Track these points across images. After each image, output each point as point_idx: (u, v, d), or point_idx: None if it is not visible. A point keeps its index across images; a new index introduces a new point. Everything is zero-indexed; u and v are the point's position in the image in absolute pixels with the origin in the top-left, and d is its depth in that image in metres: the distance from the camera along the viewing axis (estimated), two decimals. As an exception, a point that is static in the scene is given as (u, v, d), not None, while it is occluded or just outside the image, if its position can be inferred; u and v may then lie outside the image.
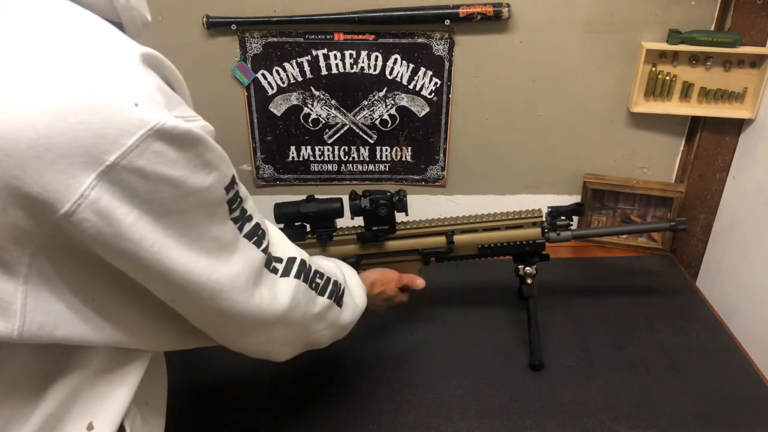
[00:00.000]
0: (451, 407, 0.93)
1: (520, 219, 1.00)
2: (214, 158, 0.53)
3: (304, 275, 0.69)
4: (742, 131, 1.19)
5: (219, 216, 0.56)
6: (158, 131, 0.47)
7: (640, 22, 1.14)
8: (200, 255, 0.54)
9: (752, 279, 1.14)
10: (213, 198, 0.54)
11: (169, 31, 1.15)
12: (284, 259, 0.68)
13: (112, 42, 0.51)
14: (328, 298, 0.73)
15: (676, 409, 0.92)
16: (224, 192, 0.56)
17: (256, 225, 0.62)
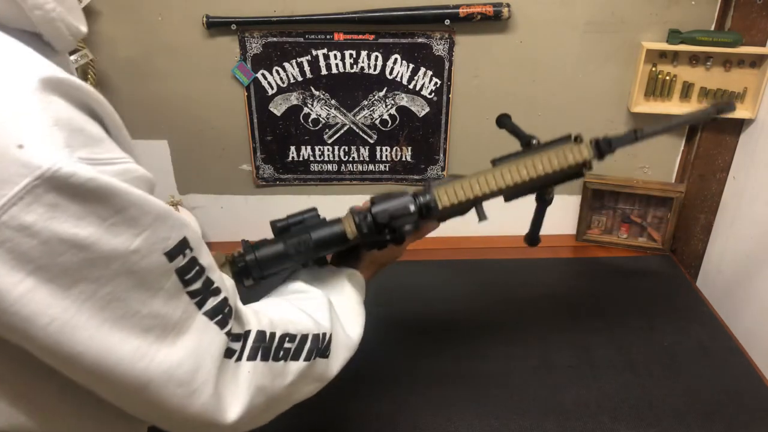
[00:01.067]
0: (451, 407, 0.93)
1: (565, 167, 0.85)
2: (137, 218, 0.43)
3: (264, 350, 0.57)
4: (742, 131, 1.19)
5: (164, 289, 0.46)
6: (50, 179, 0.38)
7: (640, 22, 1.14)
8: (130, 336, 0.44)
9: (752, 279, 1.14)
10: (146, 266, 0.44)
11: (169, 31, 1.15)
12: (244, 334, 0.56)
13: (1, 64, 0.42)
14: (306, 359, 0.61)
15: (676, 409, 0.92)
16: (166, 259, 0.45)
17: (223, 301, 0.52)
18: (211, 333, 0.50)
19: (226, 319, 0.52)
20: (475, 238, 1.37)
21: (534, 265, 1.27)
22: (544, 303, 1.16)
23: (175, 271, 0.47)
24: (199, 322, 0.50)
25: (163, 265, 0.46)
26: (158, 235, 0.45)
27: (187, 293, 0.49)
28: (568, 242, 1.35)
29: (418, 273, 1.23)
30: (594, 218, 1.33)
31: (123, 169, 0.43)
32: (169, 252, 0.46)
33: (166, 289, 0.47)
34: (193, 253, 0.49)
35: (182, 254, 0.47)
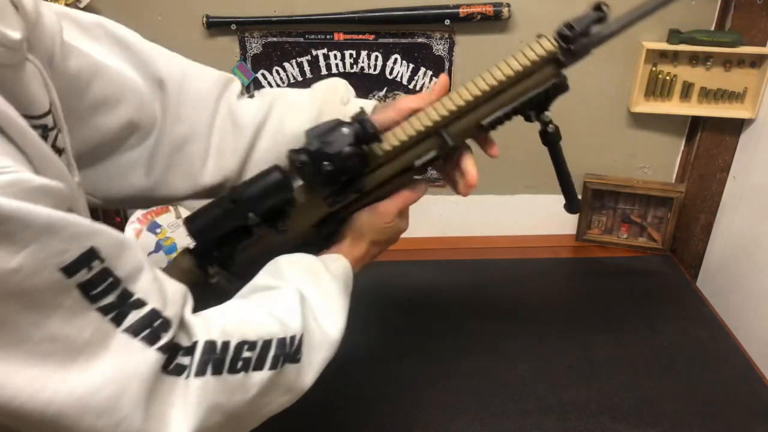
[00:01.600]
0: (451, 407, 0.93)
1: (528, 65, 0.71)
2: (18, 230, 0.37)
3: (214, 364, 0.50)
4: (743, 131, 1.19)
5: (62, 307, 0.40)
6: None
7: (641, 22, 1.14)
8: (24, 364, 0.39)
9: (753, 279, 1.14)
10: (34, 284, 0.39)
11: (169, 31, 1.15)
12: (197, 346, 0.49)
13: None
14: (271, 368, 0.53)
15: (676, 409, 0.92)
16: (62, 275, 0.40)
17: (150, 313, 0.45)
18: (135, 352, 0.44)
19: (157, 333, 0.46)
20: (475, 238, 1.37)
21: (534, 265, 1.27)
22: (544, 303, 1.16)
23: (77, 286, 0.41)
24: (117, 341, 0.43)
25: (59, 282, 0.40)
26: (49, 250, 0.39)
27: (98, 310, 0.42)
28: (568, 242, 1.35)
29: (418, 273, 1.23)
30: (594, 218, 1.33)
31: (8, 181, 0.38)
32: (67, 267, 0.40)
33: (67, 307, 0.41)
34: (105, 264, 0.42)
35: (87, 267, 0.41)
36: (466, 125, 0.69)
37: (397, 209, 0.70)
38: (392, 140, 0.67)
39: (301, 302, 0.60)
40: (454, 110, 0.67)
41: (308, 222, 0.69)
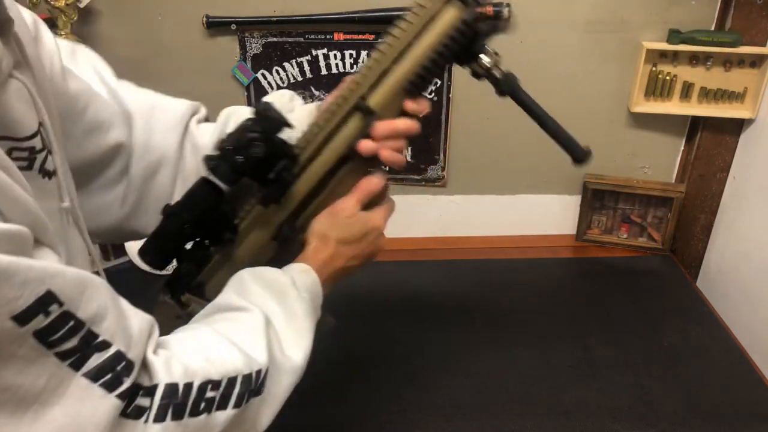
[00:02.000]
0: (452, 407, 0.93)
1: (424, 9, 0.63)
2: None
3: (174, 409, 0.47)
4: (743, 131, 1.19)
5: (15, 356, 0.38)
6: None
7: (641, 22, 1.14)
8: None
9: (752, 279, 1.14)
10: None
11: (169, 31, 1.15)
12: (159, 390, 0.47)
13: None
14: (235, 406, 0.51)
15: (676, 409, 0.92)
16: (15, 324, 0.38)
17: (115, 356, 0.43)
18: (93, 399, 0.42)
19: (119, 378, 0.43)
20: (475, 238, 1.37)
21: (534, 265, 1.27)
22: (544, 303, 1.16)
23: (33, 334, 0.39)
24: (75, 387, 0.41)
25: (10, 331, 0.38)
26: (1, 297, 0.37)
27: (56, 355, 0.40)
28: (568, 242, 1.35)
29: (418, 273, 1.23)
30: (594, 218, 1.33)
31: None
32: (19, 315, 0.38)
33: (21, 356, 0.39)
34: (65, 308, 0.40)
35: (44, 313, 0.39)
36: (388, 91, 0.65)
37: (356, 200, 0.67)
38: (310, 123, 0.65)
39: (266, 328, 0.57)
40: (363, 76, 0.64)
41: (263, 235, 0.67)
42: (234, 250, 0.67)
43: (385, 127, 0.66)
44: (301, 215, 0.67)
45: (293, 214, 0.67)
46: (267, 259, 0.67)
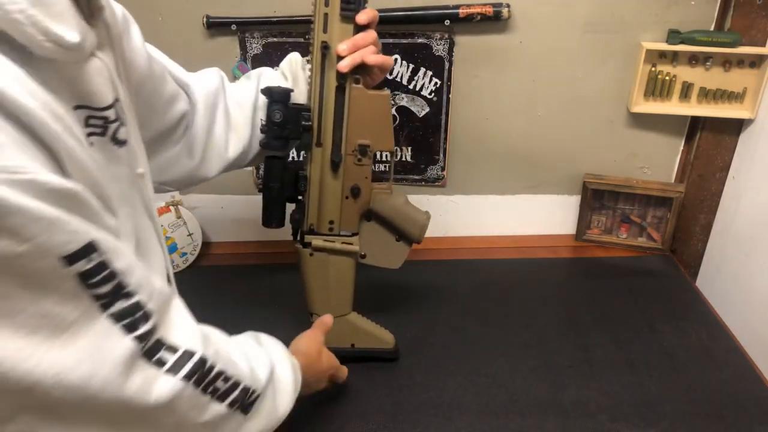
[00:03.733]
0: (452, 407, 0.93)
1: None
2: (23, 225, 0.42)
3: (199, 377, 0.56)
4: (742, 131, 1.19)
5: (59, 290, 0.46)
6: None
7: (640, 22, 1.14)
8: (13, 335, 0.44)
9: (752, 279, 1.14)
10: (38, 268, 0.44)
11: (169, 31, 1.15)
12: (180, 350, 0.55)
13: None
14: (229, 406, 0.60)
15: (676, 409, 0.92)
16: (63, 263, 0.45)
17: (135, 304, 0.51)
18: (113, 338, 0.49)
19: (136, 323, 0.51)
20: (475, 238, 1.37)
21: (534, 265, 1.27)
22: (544, 303, 1.16)
23: (76, 274, 0.46)
24: (99, 325, 0.49)
25: (59, 269, 0.45)
26: (53, 241, 0.44)
27: (90, 296, 0.48)
28: (568, 242, 1.35)
29: (418, 273, 1.23)
30: (594, 218, 1.34)
31: (26, 180, 0.43)
32: (69, 256, 0.45)
33: (63, 291, 0.46)
34: (102, 258, 0.48)
35: (86, 258, 0.47)
36: (333, 25, 0.82)
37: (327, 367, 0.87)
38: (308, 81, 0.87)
39: (271, 370, 0.69)
40: (314, 27, 0.83)
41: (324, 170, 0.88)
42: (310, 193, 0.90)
43: (346, 44, 0.82)
44: (342, 143, 0.87)
45: (335, 145, 0.86)
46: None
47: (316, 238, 0.92)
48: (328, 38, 0.82)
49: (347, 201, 0.90)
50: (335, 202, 0.90)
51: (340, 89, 0.84)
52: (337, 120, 0.85)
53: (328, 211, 0.90)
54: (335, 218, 0.91)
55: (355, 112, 0.85)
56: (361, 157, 0.87)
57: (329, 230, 0.92)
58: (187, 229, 1.28)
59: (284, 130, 0.85)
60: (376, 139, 0.87)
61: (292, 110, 0.85)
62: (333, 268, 0.94)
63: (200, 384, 0.57)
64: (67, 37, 0.48)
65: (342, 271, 0.94)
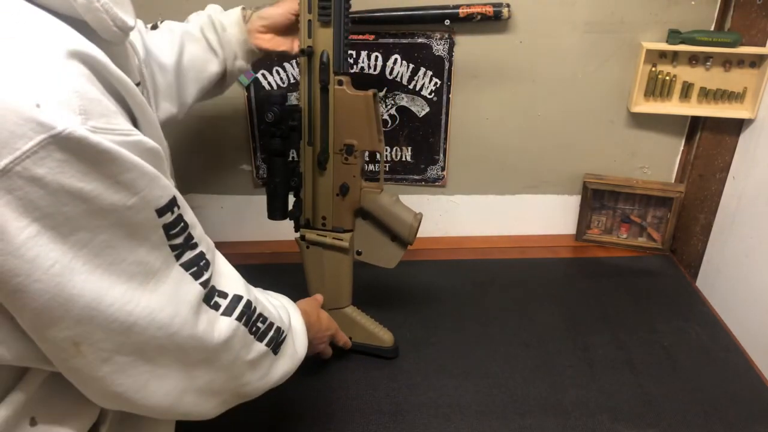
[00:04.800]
0: (451, 407, 0.93)
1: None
2: (135, 180, 0.48)
3: (247, 318, 0.63)
4: (742, 131, 1.19)
5: (150, 240, 0.51)
6: (62, 139, 0.42)
7: (640, 22, 1.14)
8: (118, 281, 0.49)
9: (752, 279, 1.14)
10: (139, 219, 0.49)
11: (169, 31, 1.15)
12: (230, 295, 0.62)
13: (34, 33, 0.46)
14: (267, 345, 0.67)
15: (676, 409, 0.92)
16: (156, 215, 0.51)
17: (199, 254, 0.57)
18: (186, 283, 0.55)
19: (201, 271, 0.57)
20: (475, 238, 1.37)
21: (534, 265, 1.27)
22: (544, 303, 1.16)
23: (163, 226, 0.52)
24: (175, 272, 0.54)
25: (153, 220, 0.51)
26: (152, 194, 0.50)
27: (169, 246, 0.53)
28: (568, 242, 1.35)
29: (418, 273, 1.23)
30: (594, 218, 1.34)
31: (133, 141, 0.48)
32: (160, 209, 0.51)
33: (153, 241, 0.51)
34: (180, 211, 0.54)
35: (171, 211, 0.52)
36: (315, 31, 0.86)
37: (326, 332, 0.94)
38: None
39: (289, 315, 0.76)
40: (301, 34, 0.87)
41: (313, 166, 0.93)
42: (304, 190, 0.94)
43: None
44: (329, 142, 0.90)
45: (323, 144, 0.90)
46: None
47: (310, 232, 0.96)
48: (312, 42, 0.86)
49: (337, 198, 0.93)
50: (327, 199, 0.94)
51: (324, 90, 0.87)
52: (323, 120, 0.89)
53: (320, 206, 0.95)
54: (327, 214, 0.95)
55: (340, 112, 0.88)
56: (348, 156, 0.90)
57: (322, 225, 0.96)
58: (187, 229, 1.28)
59: (277, 129, 0.89)
60: (361, 139, 0.89)
61: (285, 110, 0.89)
62: (328, 261, 0.97)
63: (249, 323, 0.63)
64: (129, 22, 0.55)
65: (336, 265, 0.97)
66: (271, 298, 0.77)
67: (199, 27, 0.92)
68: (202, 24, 0.92)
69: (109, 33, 0.53)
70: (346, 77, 0.87)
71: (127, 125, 0.49)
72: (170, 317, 0.53)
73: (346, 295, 1.00)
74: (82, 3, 0.49)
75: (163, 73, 0.87)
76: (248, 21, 0.92)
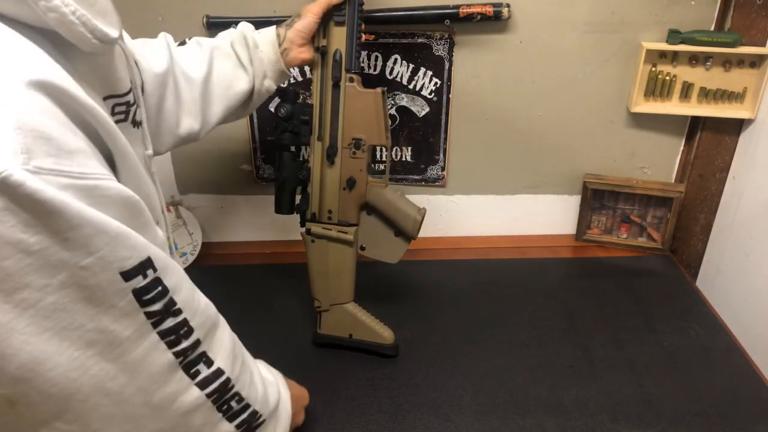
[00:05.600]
0: (451, 407, 0.93)
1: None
2: (89, 238, 0.43)
3: (219, 395, 0.58)
4: (742, 131, 1.19)
5: (116, 307, 0.46)
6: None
7: (640, 22, 1.14)
8: (71, 347, 0.44)
9: (752, 279, 1.14)
10: (97, 282, 0.44)
11: (169, 31, 1.14)
12: (214, 366, 0.57)
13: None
14: (237, 426, 0.62)
15: (676, 409, 0.92)
16: (121, 279, 0.46)
17: (181, 322, 0.52)
18: (157, 352, 0.50)
19: (180, 339, 0.52)
20: (475, 238, 1.37)
21: (534, 265, 1.27)
22: (544, 303, 1.16)
23: (132, 291, 0.47)
24: (149, 341, 0.49)
25: (117, 284, 0.46)
26: (115, 255, 0.45)
27: (145, 313, 0.48)
28: (568, 242, 1.35)
29: (418, 273, 1.23)
30: (594, 218, 1.34)
31: (90, 185, 0.43)
32: (126, 272, 0.46)
33: (120, 308, 0.47)
34: (157, 274, 0.49)
35: (142, 275, 0.47)
36: (330, 32, 0.91)
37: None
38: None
39: (278, 397, 0.71)
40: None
41: (323, 162, 0.95)
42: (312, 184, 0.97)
43: None
44: (338, 137, 0.93)
45: (332, 139, 0.93)
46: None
47: (315, 225, 0.98)
48: (326, 41, 0.91)
49: (344, 192, 0.95)
50: (333, 193, 0.96)
51: (336, 87, 0.91)
52: (333, 115, 0.92)
53: (327, 200, 0.96)
54: (333, 208, 0.97)
55: (350, 108, 0.91)
56: (356, 151, 0.93)
57: (328, 219, 0.97)
58: (187, 229, 1.28)
59: (289, 124, 0.94)
60: (369, 134, 0.92)
61: (298, 106, 0.94)
62: (332, 255, 0.98)
63: (218, 402, 0.58)
64: (111, 34, 0.51)
65: (341, 259, 0.98)
66: (268, 373, 0.72)
67: (229, 42, 0.89)
68: (233, 39, 0.90)
69: (87, 46, 0.49)
70: (356, 75, 0.91)
71: (90, 167, 0.43)
72: (121, 386, 0.49)
73: (348, 291, 1.01)
74: (54, 16, 0.45)
75: (190, 86, 0.84)
76: (283, 41, 0.90)
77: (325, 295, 1.01)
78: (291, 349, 1.05)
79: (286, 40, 0.90)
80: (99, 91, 0.53)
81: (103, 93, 0.54)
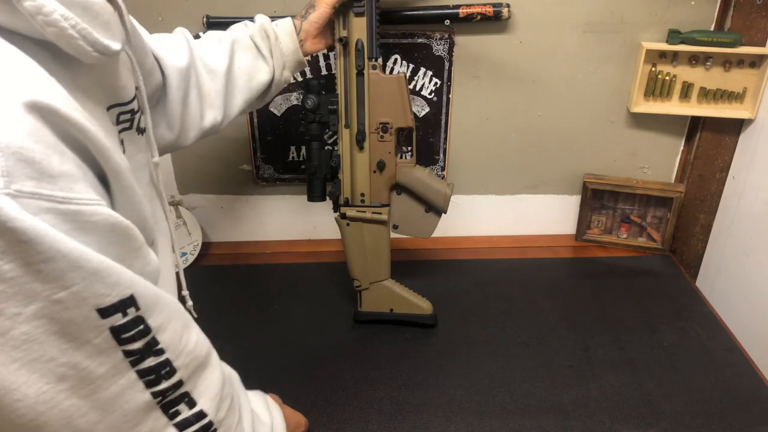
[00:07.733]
0: (451, 407, 0.93)
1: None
2: (63, 273, 0.41)
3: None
4: (742, 131, 1.19)
5: (91, 343, 0.45)
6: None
7: (640, 22, 1.14)
8: (40, 380, 0.43)
9: (752, 279, 1.14)
10: (71, 317, 0.43)
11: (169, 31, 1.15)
12: (197, 408, 0.54)
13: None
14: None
15: (676, 409, 0.92)
16: (97, 315, 0.44)
17: (163, 362, 0.50)
18: (134, 391, 0.48)
19: (160, 379, 0.50)
20: (475, 238, 1.37)
21: (534, 265, 1.27)
22: (544, 303, 1.16)
23: (110, 328, 0.45)
24: (126, 379, 0.48)
25: (93, 321, 0.44)
26: (91, 291, 0.43)
27: (123, 351, 0.47)
28: (568, 242, 1.35)
29: (419, 273, 1.23)
30: (594, 218, 1.34)
31: (73, 210, 0.41)
32: (104, 309, 0.44)
33: (95, 344, 0.45)
34: (140, 312, 0.47)
35: (122, 313, 0.45)
36: (349, 21, 0.94)
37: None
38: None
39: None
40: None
41: (352, 147, 0.99)
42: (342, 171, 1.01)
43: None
44: (365, 122, 0.97)
45: (359, 125, 0.97)
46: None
47: (350, 209, 1.02)
48: (347, 32, 0.94)
49: (375, 174, 1.00)
50: (364, 176, 1.00)
51: (360, 74, 0.95)
52: (359, 102, 0.96)
53: (358, 184, 1.00)
54: (365, 191, 1.01)
55: (374, 93, 0.95)
56: (383, 134, 0.97)
57: (361, 202, 1.02)
58: (187, 229, 1.28)
59: (317, 114, 0.97)
60: (394, 117, 0.96)
61: (324, 97, 0.97)
62: (368, 236, 1.03)
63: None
64: (112, 47, 0.49)
65: (376, 238, 1.03)
66: (265, 412, 0.70)
67: (248, 35, 0.91)
68: (252, 32, 0.91)
69: (87, 58, 0.47)
70: (378, 62, 0.95)
71: (77, 192, 0.42)
72: (92, 423, 0.47)
73: (385, 268, 1.06)
74: (52, 30, 0.44)
75: (212, 78, 0.86)
76: (299, 32, 0.93)
77: (364, 275, 1.05)
78: (291, 350, 1.05)
79: (302, 32, 0.93)
80: (102, 101, 0.52)
81: (106, 103, 0.53)
